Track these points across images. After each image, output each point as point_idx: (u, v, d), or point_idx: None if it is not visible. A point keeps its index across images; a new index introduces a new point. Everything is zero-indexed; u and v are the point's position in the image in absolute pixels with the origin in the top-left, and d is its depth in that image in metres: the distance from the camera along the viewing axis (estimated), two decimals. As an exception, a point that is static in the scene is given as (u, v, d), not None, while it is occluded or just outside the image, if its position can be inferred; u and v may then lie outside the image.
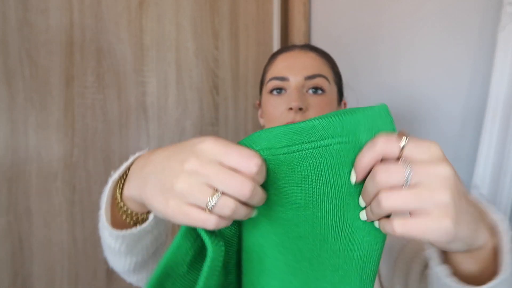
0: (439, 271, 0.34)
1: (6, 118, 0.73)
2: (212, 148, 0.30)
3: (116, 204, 0.39)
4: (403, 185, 0.28)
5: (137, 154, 0.39)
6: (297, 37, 1.25)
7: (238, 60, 1.13)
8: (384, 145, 0.29)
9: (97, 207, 0.83)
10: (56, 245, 0.79)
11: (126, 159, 0.43)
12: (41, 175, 0.77)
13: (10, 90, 0.73)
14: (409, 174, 0.28)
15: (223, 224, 0.31)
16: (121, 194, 0.38)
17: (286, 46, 0.72)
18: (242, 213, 0.31)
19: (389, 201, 0.28)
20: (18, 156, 0.74)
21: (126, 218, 0.39)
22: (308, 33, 1.25)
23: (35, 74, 0.75)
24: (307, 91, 0.63)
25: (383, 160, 0.30)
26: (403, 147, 0.29)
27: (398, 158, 0.29)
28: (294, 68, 0.64)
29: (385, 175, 0.28)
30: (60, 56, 0.78)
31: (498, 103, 0.78)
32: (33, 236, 0.76)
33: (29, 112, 0.75)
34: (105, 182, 0.40)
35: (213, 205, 0.29)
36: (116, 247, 0.39)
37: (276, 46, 1.23)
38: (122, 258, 0.41)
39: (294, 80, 0.63)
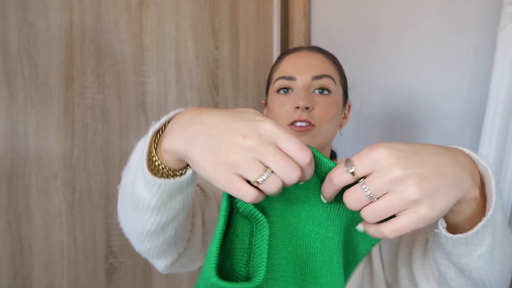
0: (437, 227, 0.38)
1: (6, 118, 0.73)
2: (273, 129, 0.32)
3: (150, 159, 0.38)
4: (372, 200, 0.32)
5: (177, 110, 0.39)
6: (297, 37, 1.25)
7: (238, 60, 1.13)
8: (339, 179, 0.33)
9: (97, 207, 0.84)
10: (56, 245, 0.79)
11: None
12: (41, 175, 0.77)
13: (10, 90, 0.73)
14: (368, 191, 0.32)
15: (259, 199, 0.33)
16: (155, 148, 0.38)
17: (294, 48, 0.73)
18: (279, 192, 0.33)
19: (371, 216, 0.33)
20: (18, 156, 0.74)
21: (156, 173, 0.39)
22: (308, 33, 1.25)
23: (35, 74, 0.75)
24: (313, 91, 0.64)
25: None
26: (352, 172, 0.33)
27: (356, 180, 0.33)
28: (301, 68, 0.65)
29: (352, 203, 0.33)
30: (60, 56, 0.78)
31: (498, 103, 0.78)
32: (33, 236, 0.76)
33: (29, 112, 0.75)
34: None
35: (262, 180, 0.32)
36: (147, 199, 0.39)
37: (276, 46, 1.23)
38: (148, 214, 0.40)
39: (301, 79, 0.64)
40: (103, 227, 0.86)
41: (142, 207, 0.40)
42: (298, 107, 0.61)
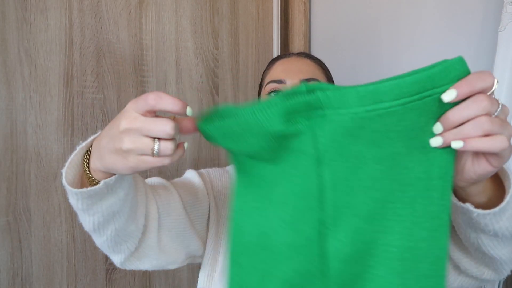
0: (466, 206, 0.41)
1: (6, 117, 0.73)
2: (132, 106, 0.36)
3: (86, 176, 0.43)
4: (494, 114, 0.34)
5: (97, 134, 0.43)
6: (297, 37, 1.25)
7: (238, 60, 1.13)
8: (482, 82, 0.34)
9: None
10: (55, 245, 0.79)
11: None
12: (40, 175, 0.77)
13: (10, 89, 0.73)
14: (500, 108, 0.34)
15: (175, 158, 0.37)
16: (88, 167, 0.43)
17: (283, 54, 0.78)
18: (174, 150, 0.37)
19: (488, 125, 0.33)
20: (17, 155, 0.74)
21: (91, 183, 0.43)
22: (308, 33, 1.25)
23: (35, 73, 0.75)
24: None
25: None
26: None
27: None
28: (290, 72, 0.68)
29: (489, 104, 0.33)
30: (59, 55, 0.78)
31: (498, 103, 0.78)
32: (32, 236, 0.76)
33: (28, 112, 0.75)
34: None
35: (157, 151, 0.35)
36: (74, 204, 0.44)
37: (276, 45, 1.23)
38: (83, 216, 0.45)
39: (291, 82, 0.67)
40: (103, 227, 0.86)
41: (77, 209, 0.45)
42: None
